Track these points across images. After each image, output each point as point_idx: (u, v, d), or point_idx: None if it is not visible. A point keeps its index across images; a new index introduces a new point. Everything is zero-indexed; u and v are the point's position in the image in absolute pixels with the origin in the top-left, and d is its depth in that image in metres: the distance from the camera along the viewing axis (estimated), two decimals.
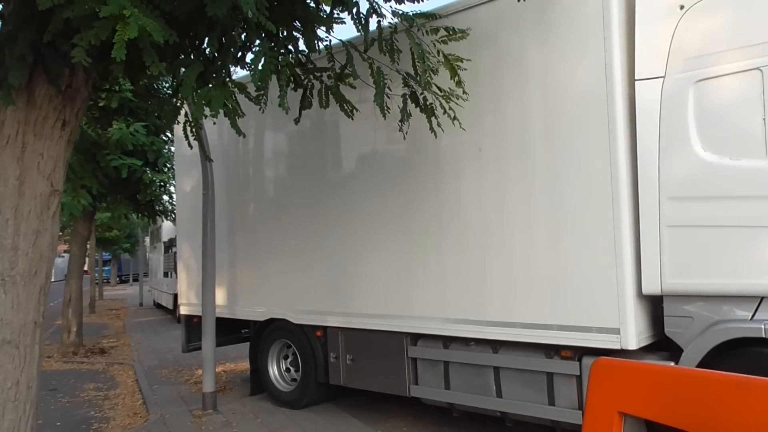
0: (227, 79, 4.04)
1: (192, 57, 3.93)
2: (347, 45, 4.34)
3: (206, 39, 3.91)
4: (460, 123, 4.51)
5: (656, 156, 4.23)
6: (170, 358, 10.70)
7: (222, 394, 7.56)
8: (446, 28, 4.45)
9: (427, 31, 4.37)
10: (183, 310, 8.39)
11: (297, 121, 4.73)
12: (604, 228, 4.36)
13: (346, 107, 4.63)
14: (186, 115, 4.88)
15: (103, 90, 5.25)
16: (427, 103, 4.47)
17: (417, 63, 4.18)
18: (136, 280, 37.90)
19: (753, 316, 3.92)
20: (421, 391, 5.61)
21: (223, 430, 6.15)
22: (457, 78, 4.35)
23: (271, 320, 7.00)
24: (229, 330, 7.93)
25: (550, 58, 4.63)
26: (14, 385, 3.58)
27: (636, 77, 4.31)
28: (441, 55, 4.34)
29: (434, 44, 4.38)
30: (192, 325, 8.13)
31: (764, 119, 3.86)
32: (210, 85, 3.85)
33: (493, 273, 4.95)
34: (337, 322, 6.25)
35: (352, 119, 4.81)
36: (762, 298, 3.90)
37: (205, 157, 5.42)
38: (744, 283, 3.93)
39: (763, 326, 3.81)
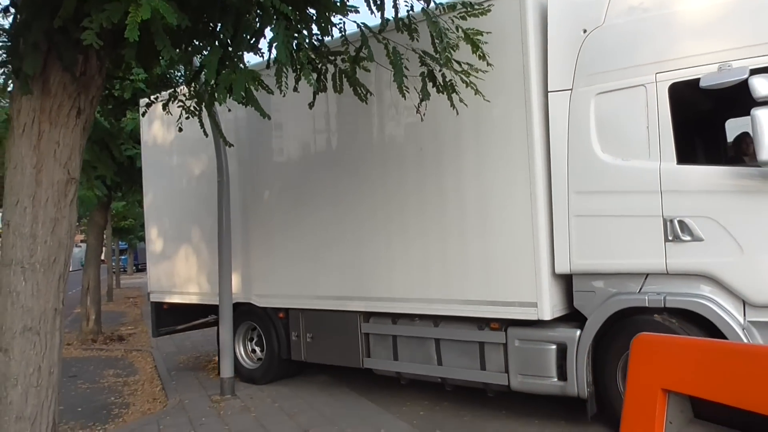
0: (242, 66, 4.00)
1: (205, 43, 3.90)
2: (362, 26, 4.28)
3: (219, 24, 3.88)
4: (483, 95, 4.56)
5: (566, 156, 5.00)
6: (188, 345, 10.80)
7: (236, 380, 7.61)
8: (463, 3, 4.42)
9: (444, 8, 4.33)
10: (153, 298, 8.74)
11: (311, 105, 4.70)
12: (523, 218, 5.10)
13: (360, 91, 4.59)
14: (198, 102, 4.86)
15: (116, 78, 5.24)
16: (446, 80, 4.42)
17: (435, 41, 4.12)
18: None
19: (640, 289, 4.75)
20: (373, 362, 6.33)
21: (241, 415, 6.21)
22: (479, 52, 4.32)
23: (237, 304, 7.40)
24: (197, 316, 8.54)
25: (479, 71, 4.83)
26: (36, 371, 3.62)
27: (549, 89, 5.07)
28: (460, 31, 4.29)
29: (452, 20, 4.36)
30: (161, 311, 8.63)
31: (647, 127, 4.64)
32: (230, 70, 3.81)
33: (433, 257, 5.66)
34: (298, 304, 6.92)
35: (366, 103, 4.77)
36: (647, 275, 4.72)
37: (224, 141, 5.40)
38: (633, 262, 4.74)
39: (647, 297, 4.66)
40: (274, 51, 3.73)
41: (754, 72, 4.14)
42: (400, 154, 5.94)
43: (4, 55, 3.88)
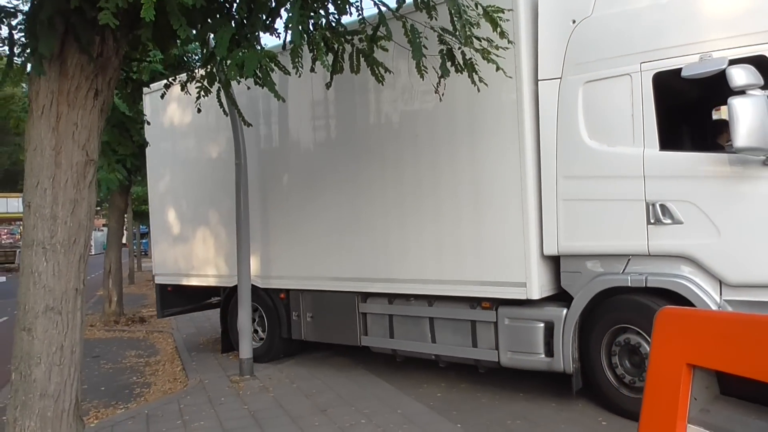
0: (257, 45, 3.97)
1: (220, 22, 3.87)
2: (379, 4, 4.22)
3: (235, 4, 3.84)
4: (504, 71, 4.54)
5: (555, 143, 5.20)
6: (207, 327, 10.94)
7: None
8: None
9: None
10: (158, 280, 9.03)
11: (328, 85, 4.66)
12: (514, 202, 5.32)
13: (377, 71, 4.53)
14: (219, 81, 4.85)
15: (133, 60, 5.24)
16: (466, 58, 4.34)
17: (454, 18, 4.04)
18: None
19: (624, 270, 4.95)
20: (370, 340, 6.62)
21: (260, 395, 6.28)
22: (499, 29, 4.25)
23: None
24: (200, 298, 8.91)
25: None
26: (59, 350, 3.68)
27: (539, 78, 5.25)
28: (479, 8, 4.21)
29: None
30: (166, 293, 8.95)
31: (632, 115, 4.83)
32: (242, 49, 3.78)
33: (428, 240, 5.91)
34: (299, 285, 7.19)
35: (383, 84, 4.72)
36: (630, 256, 4.93)
37: (243, 121, 5.39)
38: (617, 244, 4.96)
39: (629, 277, 4.88)
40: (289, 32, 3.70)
41: (733, 62, 4.26)
42: (397, 141, 6.16)
43: (23, 38, 3.90)
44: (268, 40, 21.97)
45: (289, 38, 3.76)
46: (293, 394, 6.24)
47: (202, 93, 4.90)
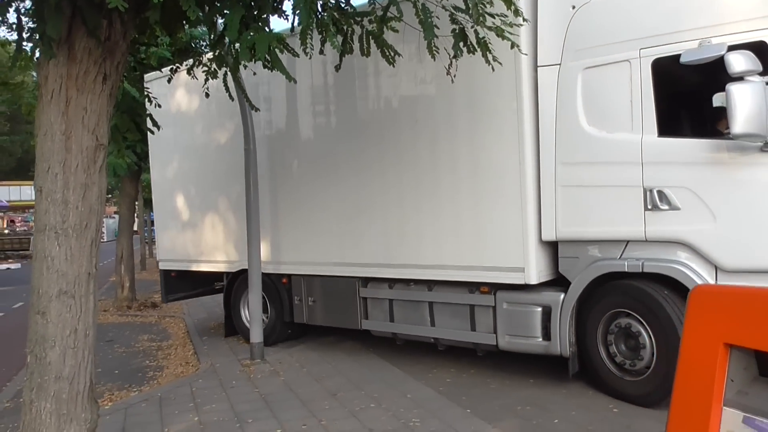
0: (266, 29, 3.93)
1: (229, 4, 3.83)
2: None
3: None
4: (519, 47, 4.57)
5: (553, 129, 5.20)
6: (218, 312, 10.96)
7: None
8: None
9: None
10: (162, 266, 9.18)
11: (338, 68, 4.62)
12: (513, 188, 5.35)
13: (387, 53, 4.48)
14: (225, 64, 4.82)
15: (141, 44, 5.23)
16: (479, 37, 4.28)
17: None
18: None
19: (621, 255, 4.99)
20: (370, 324, 6.72)
21: (271, 378, 6.33)
22: (513, 7, 4.20)
23: (242, 271, 7.73)
24: (204, 283, 9.02)
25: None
26: (72, 333, 3.71)
27: (538, 64, 5.25)
28: None
29: None
30: (170, 278, 9.10)
31: (631, 101, 4.81)
32: (251, 32, 3.75)
33: (428, 226, 5.99)
34: (301, 270, 7.31)
35: (393, 66, 4.66)
36: (627, 242, 4.96)
37: (251, 106, 5.37)
38: (614, 230, 4.99)
39: (626, 263, 4.91)
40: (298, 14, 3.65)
41: (732, 48, 4.25)
42: (395, 126, 6.20)
43: (31, 23, 3.89)
44: (275, 24, 21.81)
45: (297, 21, 3.73)
46: (304, 378, 6.28)
47: (209, 77, 4.88)
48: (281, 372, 6.54)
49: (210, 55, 4.80)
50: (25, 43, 3.90)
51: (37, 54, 3.81)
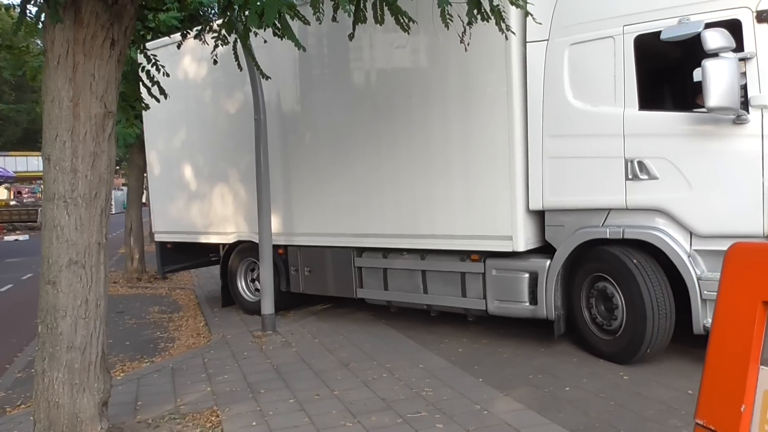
0: None
1: None
2: None
3: None
4: (533, 17, 4.72)
5: (541, 102, 5.41)
6: None
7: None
8: None
9: None
10: (157, 238, 9.24)
11: (351, 36, 4.49)
12: (502, 160, 5.55)
13: (402, 20, 4.34)
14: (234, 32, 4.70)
15: (149, 9, 5.10)
16: (494, 5, 4.15)
17: None
18: None
19: (603, 223, 5.23)
20: (365, 293, 6.92)
21: (282, 350, 6.34)
22: None
23: (239, 242, 8.00)
24: (200, 255, 9.19)
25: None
26: (84, 303, 3.69)
27: (527, 40, 5.43)
28: None
29: None
30: (166, 250, 9.20)
31: (614, 76, 5.03)
32: None
33: (421, 197, 6.17)
34: (297, 241, 7.45)
35: (408, 33, 4.53)
36: (609, 210, 5.20)
37: (261, 74, 5.25)
38: (597, 199, 5.23)
39: (608, 230, 5.17)
40: None
41: (709, 26, 4.40)
42: (390, 101, 6.33)
43: None
44: None
45: None
46: (316, 348, 6.28)
47: (219, 42, 4.76)
48: (293, 343, 6.55)
49: (219, 21, 4.67)
50: (29, 7, 3.79)
51: (42, 18, 3.72)
